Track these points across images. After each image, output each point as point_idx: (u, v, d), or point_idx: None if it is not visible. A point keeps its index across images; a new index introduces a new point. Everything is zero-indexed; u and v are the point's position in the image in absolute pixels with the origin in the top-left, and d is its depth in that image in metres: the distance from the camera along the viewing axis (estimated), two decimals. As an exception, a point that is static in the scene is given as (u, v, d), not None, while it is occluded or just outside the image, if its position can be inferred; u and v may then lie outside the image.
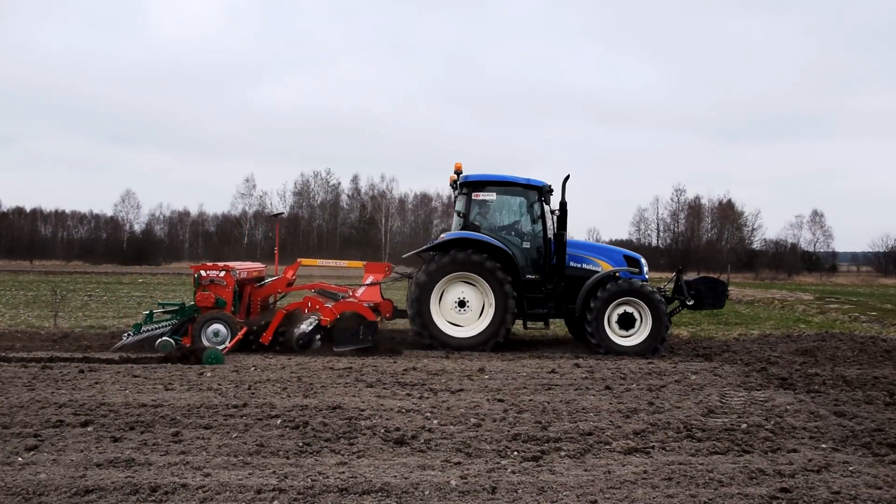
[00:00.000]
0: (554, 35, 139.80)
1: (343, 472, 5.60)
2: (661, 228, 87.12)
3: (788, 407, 8.24)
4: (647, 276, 13.87)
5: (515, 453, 6.25)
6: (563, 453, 6.27)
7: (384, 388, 8.96)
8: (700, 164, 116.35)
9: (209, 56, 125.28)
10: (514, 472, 5.69)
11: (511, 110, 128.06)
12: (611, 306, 12.84)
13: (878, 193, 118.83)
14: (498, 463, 5.97)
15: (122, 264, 63.82)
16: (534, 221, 13.69)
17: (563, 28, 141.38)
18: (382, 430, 6.87)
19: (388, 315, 13.24)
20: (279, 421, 7.16)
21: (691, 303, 13.87)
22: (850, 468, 5.94)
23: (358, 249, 76.98)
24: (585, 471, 5.78)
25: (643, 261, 14.13)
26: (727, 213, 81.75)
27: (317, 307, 12.62)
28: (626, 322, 12.94)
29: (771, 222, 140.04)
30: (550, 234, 13.61)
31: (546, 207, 13.68)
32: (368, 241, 78.40)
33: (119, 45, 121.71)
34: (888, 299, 32.62)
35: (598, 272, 13.44)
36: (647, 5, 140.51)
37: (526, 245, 13.62)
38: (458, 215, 13.57)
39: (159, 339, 11.72)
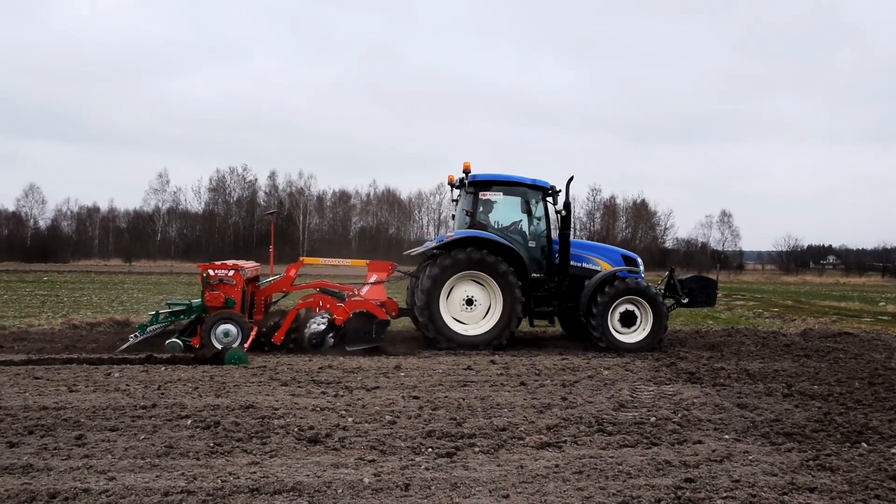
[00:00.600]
0: (475, 33, 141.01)
1: (255, 472, 5.50)
2: (578, 227, 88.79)
3: (695, 400, 8.51)
4: (643, 275, 14.19)
5: (430, 450, 6.26)
6: (476, 449, 6.32)
7: (299, 387, 8.85)
8: (615, 164, 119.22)
9: (119, 45, 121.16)
10: (427, 469, 5.70)
11: (431, 107, 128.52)
12: (614, 305, 13.15)
13: (782, 195, 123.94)
14: (412, 460, 5.97)
15: (25, 261, 61.13)
16: (538, 221, 13.95)
17: (485, 26, 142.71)
18: (296, 429, 6.78)
19: (394, 313, 13.12)
20: (189, 421, 6.99)
21: (686, 301, 14.40)
22: (750, 457, 6.17)
23: (275, 247, 75.90)
24: (498, 466, 5.83)
25: (639, 260, 14.52)
26: (641, 212, 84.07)
27: (328, 306, 12.47)
28: (628, 320, 13.27)
29: (683, 222, 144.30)
30: (554, 233, 13.90)
31: (549, 207, 13.96)
32: (286, 238, 77.29)
33: (22, 32, 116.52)
34: (789, 296, 34.13)
35: (598, 271, 13.83)
36: (566, 6, 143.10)
37: (531, 244, 13.84)
38: (466, 214, 13.65)
39: (168, 340, 11.47)
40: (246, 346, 11.27)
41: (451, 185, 14.53)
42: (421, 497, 5.08)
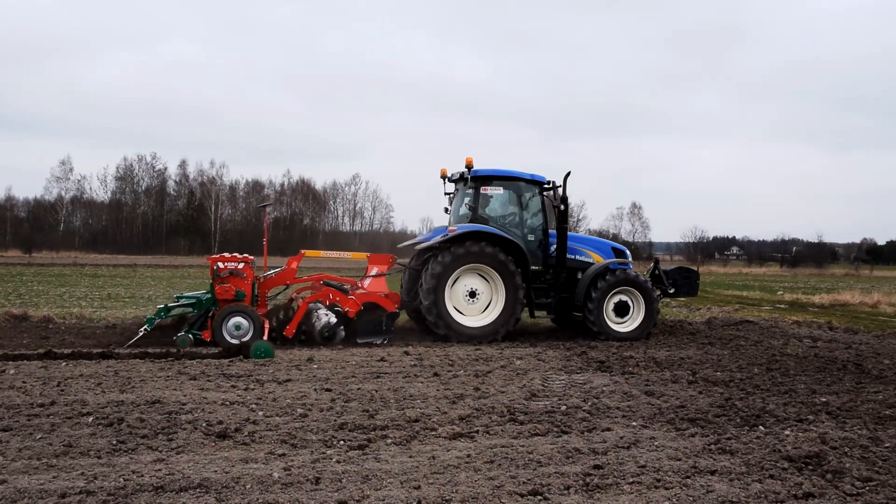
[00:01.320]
0: (394, 23, 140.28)
1: (160, 470, 5.34)
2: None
3: (605, 388, 8.70)
4: (631, 266, 14.68)
5: (342, 442, 6.21)
6: (389, 441, 6.30)
7: (208, 381, 8.64)
8: (529, 155, 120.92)
9: (20, 28, 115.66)
10: (339, 462, 5.65)
11: (347, 97, 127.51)
12: (609, 295, 13.70)
13: (690, 188, 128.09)
14: (323, 453, 5.90)
15: (-86, 252, 57.87)
16: (535, 215, 14.26)
17: (403, 16, 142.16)
18: (204, 424, 6.61)
19: (396, 306, 13.08)
20: (91, 419, 6.73)
21: (672, 291, 15.06)
22: (656, 443, 6.35)
23: (186, 238, 74.01)
24: (411, 457, 5.82)
25: (628, 252, 15.10)
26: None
27: (337, 299, 12.46)
28: (622, 310, 13.84)
29: (595, 213, 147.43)
30: (551, 226, 14.25)
31: (546, 201, 14.31)
32: (197, 228, 75.44)
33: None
34: (696, 286, 35.19)
35: (590, 263, 14.29)
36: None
37: (530, 237, 14.12)
38: (468, 208, 13.91)
39: (178, 334, 11.39)
40: (264, 338, 11.24)
41: (445, 178, 14.80)
42: (331, 490, 5.03)
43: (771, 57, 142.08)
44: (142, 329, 11.83)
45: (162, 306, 12.10)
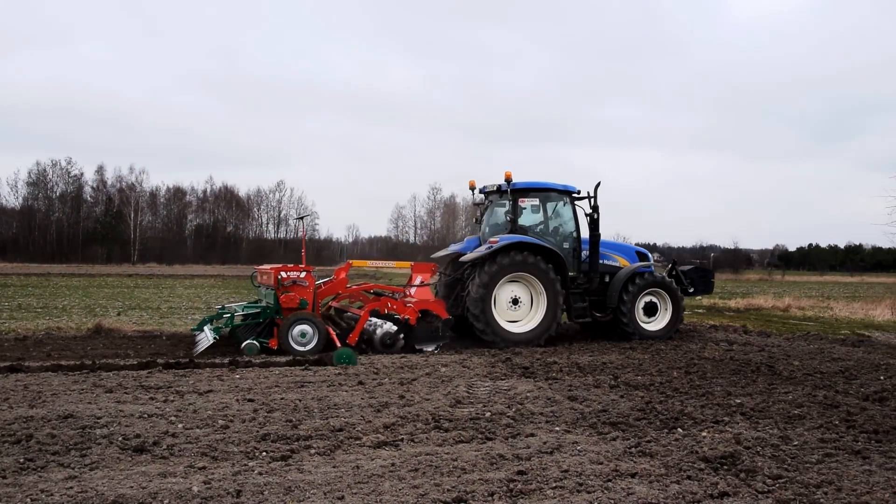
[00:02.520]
0: (320, 29, 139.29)
1: (71, 488, 5.13)
2: (419, 226, 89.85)
3: (528, 394, 8.78)
4: (653, 268, 15.52)
5: (264, 454, 6.10)
6: (312, 451, 6.21)
7: (125, 393, 8.38)
8: (456, 163, 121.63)
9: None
10: (261, 474, 5.54)
11: (272, 102, 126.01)
12: (640, 297, 14.67)
13: (613, 196, 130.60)
14: (245, 465, 5.78)
15: None
16: (568, 223, 15.01)
17: (330, 22, 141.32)
18: (120, 438, 6.40)
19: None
20: (-3, 435, 6.44)
21: (692, 290, 16.06)
22: (579, 447, 6.44)
23: (103, 246, 71.75)
24: (334, 467, 5.76)
25: (650, 255, 15.97)
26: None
27: (395, 307, 12.84)
28: (651, 310, 14.86)
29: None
30: (584, 233, 14.89)
31: (577, 209, 14.97)
32: (116, 236, 73.22)
33: None
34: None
35: (618, 267, 15.20)
36: (413, 6, 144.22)
37: (565, 245, 14.81)
38: (507, 218, 14.60)
39: (245, 342, 11.63)
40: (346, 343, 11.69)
41: (473, 189, 15.61)
42: (253, 503, 4.93)
43: (690, 68, 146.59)
44: (208, 338, 11.88)
45: (228, 315, 12.35)
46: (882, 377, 10.17)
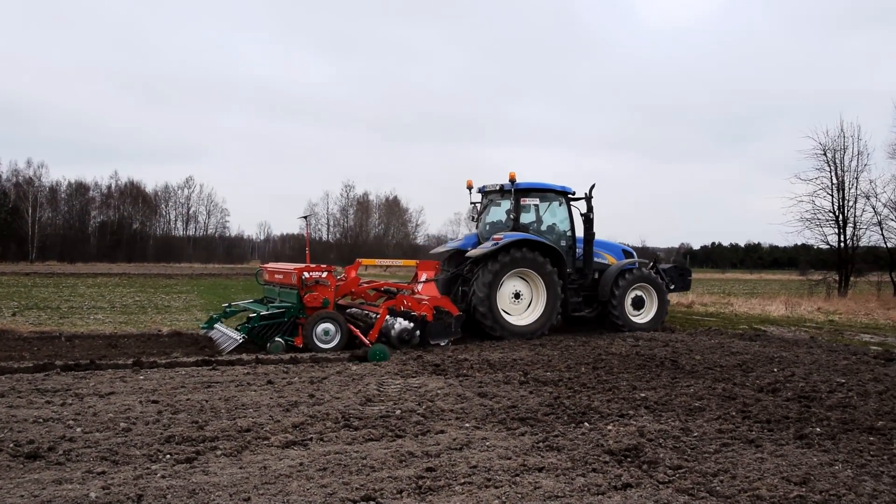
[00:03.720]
0: (230, 22, 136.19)
1: (-42, 497, 4.89)
2: (332, 223, 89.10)
3: (439, 391, 8.82)
4: (637, 264, 16.61)
5: (168, 456, 5.93)
6: (219, 452, 6.08)
7: (19, 397, 8.00)
8: (369, 161, 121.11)
9: None
10: (164, 477, 5.39)
11: (180, 97, 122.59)
12: (628, 291, 15.79)
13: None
14: (148, 468, 5.61)
15: None
16: (564, 222, 15.95)
17: (240, 16, 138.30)
18: (12, 445, 6.10)
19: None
20: None
21: (672, 287, 17.17)
22: (488, 443, 6.51)
23: (2, 245, 68.40)
24: (241, 468, 5.65)
25: (634, 253, 17.26)
26: (394, 209, 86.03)
27: (410, 304, 13.35)
28: (638, 304, 16.01)
29: (433, 219, 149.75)
30: (578, 232, 15.91)
31: (573, 209, 15.90)
32: (12, 233, 69.89)
33: None
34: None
35: (606, 264, 16.30)
36: (324, 2, 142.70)
37: (562, 243, 15.72)
38: (509, 217, 15.40)
39: (271, 341, 11.86)
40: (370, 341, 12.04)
41: (471, 188, 16.48)
42: (155, 508, 4.79)
43: (602, 70, 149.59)
44: (235, 338, 12.03)
45: (254, 315, 12.35)
46: (775, 369, 10.64)
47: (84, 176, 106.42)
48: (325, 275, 12.69)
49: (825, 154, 31.74)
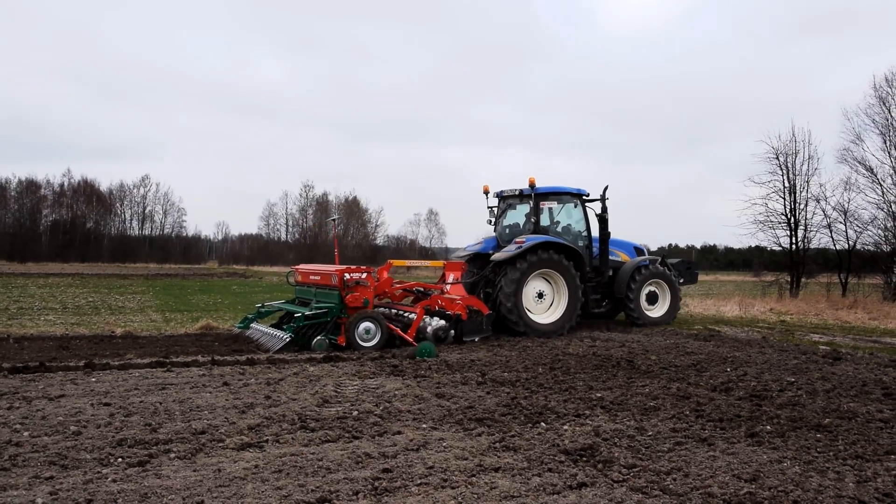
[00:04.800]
0: (185, 19, 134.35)
1: None
2: (290, 223, 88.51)
3: (397, 392, 8.81)
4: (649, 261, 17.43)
5: (119, 460, 5.83)
6: (172, 455, 6.00)
7: (-36, 401, 7.81)
8: (328, 161, 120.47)
9: None
10: (115, 481, 5.30)
11: (135, 94, 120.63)
12: (643, 286, 16.81)
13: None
14: (98, 472, 5.51)
15: None
16: (580, 222, 16.76)
17: (195, 13, 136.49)
18: (-43, 450, 5.96)
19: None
20: None
21: (681, 281, 17.93)
22: (445, 444, 6.51)
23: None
24: (195, 471, 5.58)
25: (645, 250, 18.15)
26: (353, 209, 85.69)
27: (444, 304, 13.89)
28: (652, 299, 17.06)
29: (392, 219, 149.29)
30: (595, 232, 16.69)
31: (588, 210, 16.72)
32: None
33: None
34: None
35: (620, 262, 17.20)
36: (283, 1, 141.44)
37: (579, 243, 16.44)
38: (530, 220, 16.22)
39: (315, 339, 12.32)
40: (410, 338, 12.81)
41: (487, 193, 17.32)
42: (105, 512, 4.70)
43: (557, 72, 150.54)
44: (282, 337, 12.32)
45: (299, 315, 12.70)
46: (729, 369, 10.83)
47: (35, 174, 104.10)
48: (364, 276, 13.13)
49: (777, 158, 32.31)
